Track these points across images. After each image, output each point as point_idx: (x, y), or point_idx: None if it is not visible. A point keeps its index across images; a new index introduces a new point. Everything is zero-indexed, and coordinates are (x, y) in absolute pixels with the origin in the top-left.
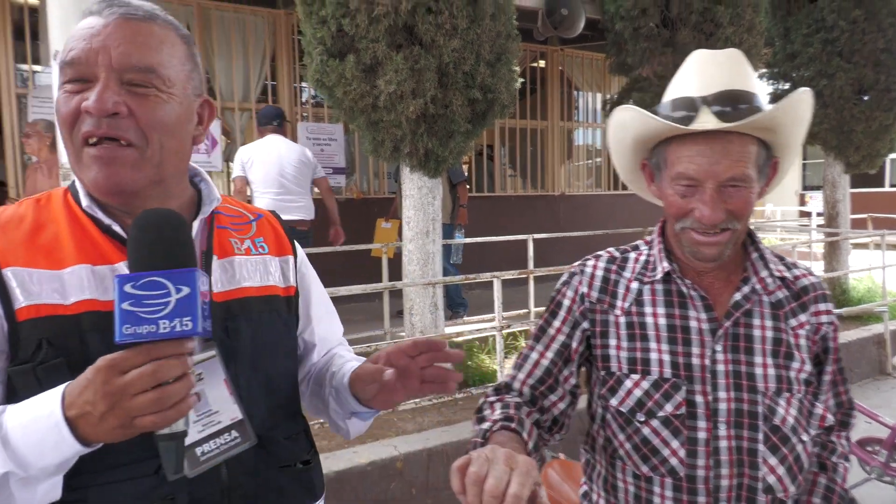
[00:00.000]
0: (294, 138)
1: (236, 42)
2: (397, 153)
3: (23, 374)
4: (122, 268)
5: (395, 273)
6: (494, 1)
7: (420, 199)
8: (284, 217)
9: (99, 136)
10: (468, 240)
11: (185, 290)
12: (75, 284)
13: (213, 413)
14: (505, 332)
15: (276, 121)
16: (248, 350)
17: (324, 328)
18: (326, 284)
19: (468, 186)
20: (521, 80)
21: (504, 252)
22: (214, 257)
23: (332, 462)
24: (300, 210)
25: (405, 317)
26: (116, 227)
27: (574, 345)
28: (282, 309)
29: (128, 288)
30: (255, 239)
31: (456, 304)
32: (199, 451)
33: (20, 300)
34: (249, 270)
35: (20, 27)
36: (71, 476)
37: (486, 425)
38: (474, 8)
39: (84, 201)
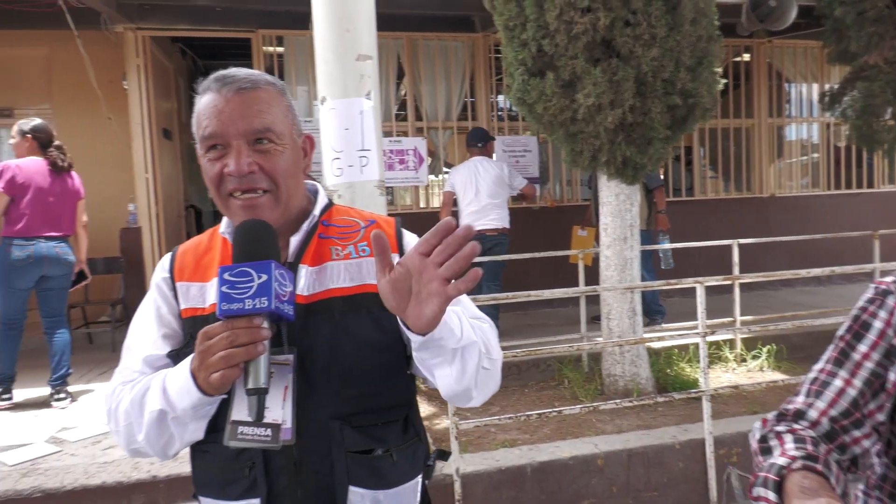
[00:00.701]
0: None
1: (439, 67)
2: (595, 162)
3: (176, 356)
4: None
5: (592, 279)
6: (695, 5)
7: (617, 205)
8: (477, 227)
9: (241, 189)
10: (670, 245)
11: (264, 277)
12: (211, 292)
13: (265, 408)
14: (708, 339)
15: (480, 142)
16: (325, 345)
17: None
18: (524, 289)
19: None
20: (724, 80)
21: (704, 258)
22: (303, 266)
23: (535, 454)
24: (491, 220)
25: (603, 321)
26: None
27: (893, 377)
28: (374, 305)
29: (226, 275)
30: (358, 244)
31: (653, 310)
32: (241, 429)
33: (182, 304)
34: (341, 274)
35: (269, 71)
36: (207, 431)
37: (780, 461)
38: (673, 16)
39: (221, 228)
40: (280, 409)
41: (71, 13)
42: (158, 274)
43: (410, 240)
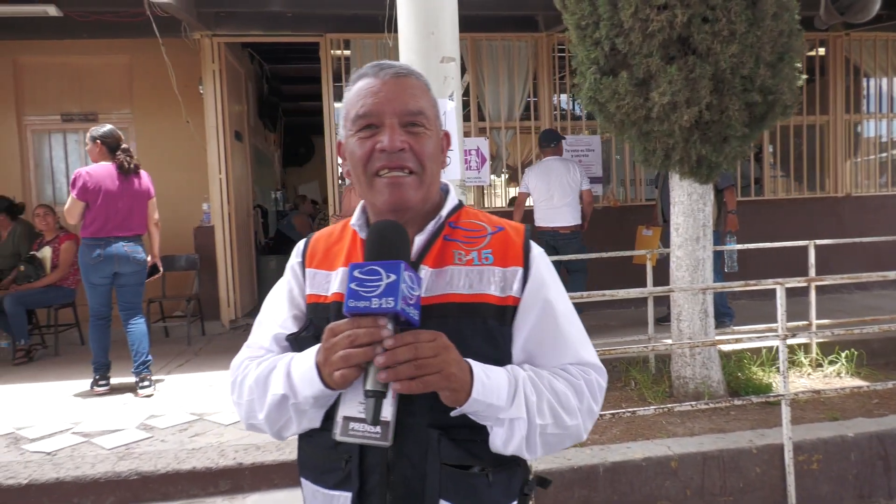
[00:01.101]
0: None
1: (503, 67)
2: (668, 161)
3: (294, 340)
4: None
5: (658, 279)
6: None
7: (690, 205)
8: (549, 224)
9: (390, 167)
10: (739, 246)
11: (392, 277)
12: (335, 282)
13: (371, 397)
14: (788, 342)
15: (552, 143)
16: None
17: (537, 347)
18: (588, 289)
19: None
20: (805, 76)
21: (773, 259)
22: (424, 267)
23: (606, 454)
24: (563, 218)
25: (672, 323)
26: None
27: None
28: (490, 316)
29: (356, 273)
30: (482, 251)
31: (721, 313)
32: (352, 425)
33: (308, 290)
34: (461, 280)
35: (336, 73)
36: (323, 420)
37: None
38: (754, 11)
39: (353, 220)
40: (389, 406)
41: (155, 22)
42: (293, 258)
43: (538, 252)
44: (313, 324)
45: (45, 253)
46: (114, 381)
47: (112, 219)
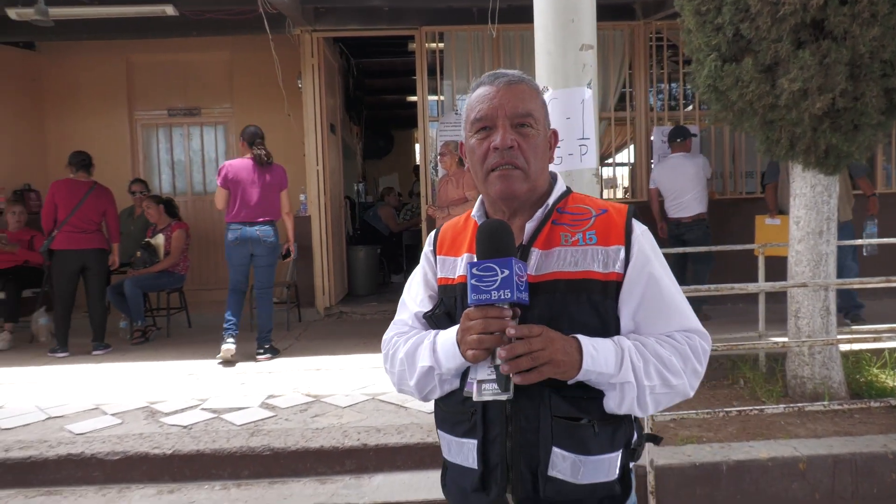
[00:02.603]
0: (648, 142)
1: (598, 56)
2: (792, 151)
3: (430, 317)
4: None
5: (772, 274)
6: None
7: (813, 197)
8: (674, 215)
9: (502, 164)
10: (877, 241)
11: (506, 272)
12: (460, 266)
13: (497, 367)
14: None
15: (679, 138)
16: (545, 320)
17: (644, 317)
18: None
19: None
20: None
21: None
22: (534, 249)
23: (728, 452)
24: (685, 210)
25: (790, 320)
26: None
27: None
28: (595, 291)
29: (474, 270)
30: (587, 232)
31: (852, 304)
32: (484, 386)
33: (438, 273)
34: (567, 258)
35: (431, 65)
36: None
37: None
38: None
39: (473, 211)
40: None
41: (259, 19)
42: (427, 246)
43: (640, 231)
44: (444, 302)
45: (159, 240)
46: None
47: (247, 206)
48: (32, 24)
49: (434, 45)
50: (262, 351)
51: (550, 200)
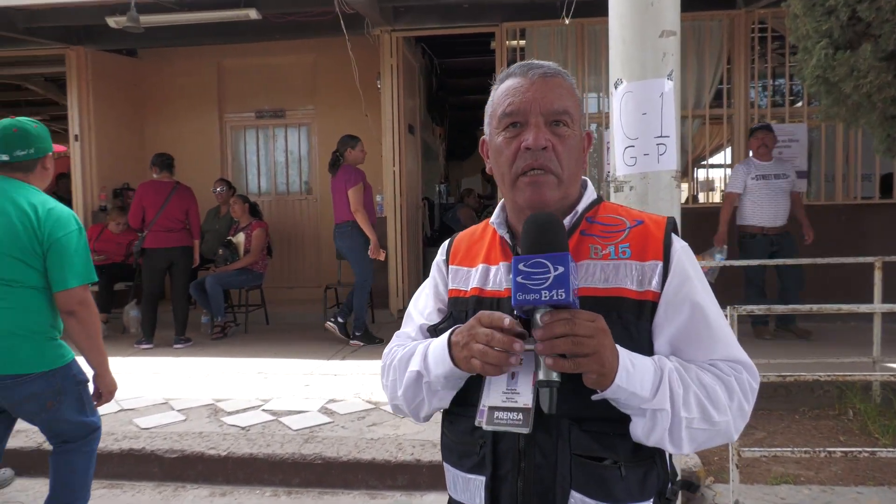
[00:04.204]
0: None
1: (691, 48)
2: None
3: (433, 331)
4: (503, 268)
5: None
6: None
7: None
8: (759, 224)
9: (534, 167)
10: None
11: (561, 269)
12: (474, 278)
13: (515, 393)
14: None
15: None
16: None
17: (684, 342)
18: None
19: None
20: None
21: None
22: None
23: (830, 497)
24: (767, 219)
25: None
26: (506, 238)
27: None
28: (627, 311)
29: (521, 266)
30: (620, 245)
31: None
32: (497, 414)
33: (449, 284)
34: (596, 274)
35: (511, 62)
36: (457, 403)
37: None
38: None
39: (492, 219)
40: (529, 394)
41: (339, 20)
42: (439, 256)
43: (681, 246)
44: (453, 316)
45: (240, 238)
46: (294, 361)
47: (334, 207)
48: (129, 32)
49: (515, 42)
50: (353, 340)
51: (580, 208)
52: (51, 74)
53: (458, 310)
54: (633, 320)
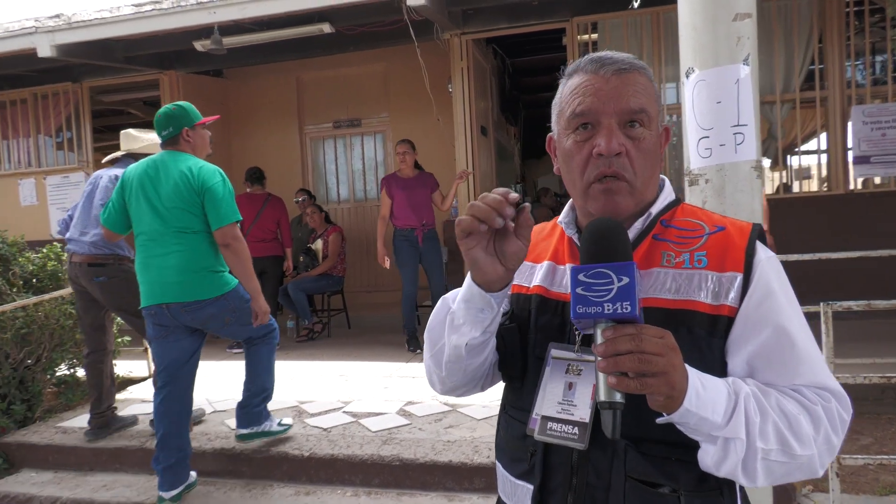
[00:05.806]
0: (843, 124)
1: (778, 29)
2: None
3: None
4: (570, 270)
5: None
6: None
7: None
8: None
9: (608, 174)
10: None
11: (625, 280)
12: (538, 275)
13: (572, 405)
14: None
15: None
16: None
17: (763, 364)
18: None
19: None
20: None
21: None
22: None
23: None
24: None
25: None
26: (575, 239)
27: None
28: (699, 325)
29: (581, 277)
30: (696, 252)
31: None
32: (550, 424)
33: (515, 280)
34: (667, 283)
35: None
36: (510, 404)
37: None
38: None
39: (560, 217)
40: (587, 407)
41: (410, 27)
42: None
43: (766, 257)
44: (514, 313)
45: (318, 245)
46: (374, 364)
47: (404, 211)
48: (214, 54)
49: (587, 36)
50: (411, 347)
51: (654, 210)
52: (148, 98)
53: (519, 307)
54: (704, 336)
